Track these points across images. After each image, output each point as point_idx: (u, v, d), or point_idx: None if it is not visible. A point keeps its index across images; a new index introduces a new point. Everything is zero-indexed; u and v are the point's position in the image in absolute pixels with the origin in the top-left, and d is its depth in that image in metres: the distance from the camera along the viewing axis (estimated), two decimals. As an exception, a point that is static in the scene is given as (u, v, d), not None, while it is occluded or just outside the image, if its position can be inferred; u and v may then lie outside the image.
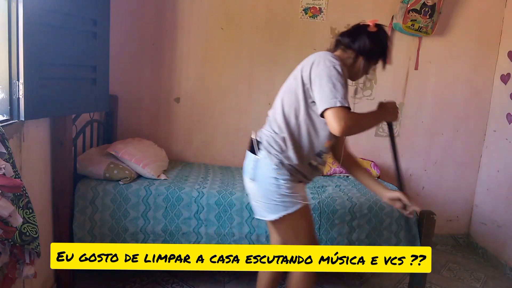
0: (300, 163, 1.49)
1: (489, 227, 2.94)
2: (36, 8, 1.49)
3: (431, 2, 2.68)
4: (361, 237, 2.15)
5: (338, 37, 1.58)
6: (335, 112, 1.33)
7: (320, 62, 1.40)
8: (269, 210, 1.51)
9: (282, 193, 1.47)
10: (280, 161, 1.46)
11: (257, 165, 1.51)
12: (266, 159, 1.48)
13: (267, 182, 1.48)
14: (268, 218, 1.53)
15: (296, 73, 1.51)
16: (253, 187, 1.55)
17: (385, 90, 2.97)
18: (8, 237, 1.19)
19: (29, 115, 1.52)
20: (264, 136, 1.53)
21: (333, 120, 1.33)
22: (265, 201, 1.51)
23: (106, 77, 2.01)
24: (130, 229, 2.07)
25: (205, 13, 2.79)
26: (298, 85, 1.47)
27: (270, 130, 1.52)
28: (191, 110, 2.89)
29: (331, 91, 1.34)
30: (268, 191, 1.48)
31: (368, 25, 1.51)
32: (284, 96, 1.53)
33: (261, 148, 1.50)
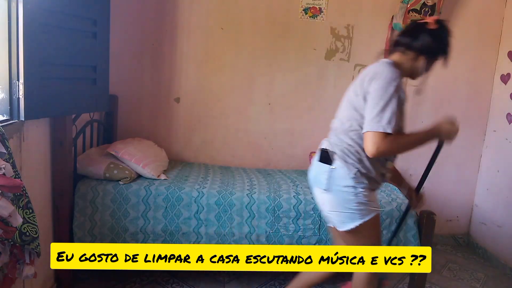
0: (375, 172, 1.52)
1: (489, 227, 2.94)
2: (36, 8, 1.49)
3: (431, 2, 2.68)
4: (361, 237, 2.15)
5: (396, 38, 1.55)
6: (373, 136, 1.37)
7: (378, 79, 1.40)
8: (346, 220, 1.52)
9: (360, 201, 1.49)
10: (358, 170, 1.48)
11: (332, 175, 1.51)
12: (343, 168, 1.49)
13: (345, 191, 1.49)
14: (344, 228, 1.53)
15: (356, 89, 1.51)
16: (328, 198, 1.55)
17: (385, 90, 2.97)
18: (8, 237, 1.19)
19: (29, 115, 1.52)
20: (337, 147, 1.53)
21: (368, 143, 1.38)
22: (341, 210, 1.51)
23: (106, 77, 2.00)
24: (130, 229, 2.07)
25: (205, 13, 2.79)
26: (359, 101, 1.47)
27: (343, 142, 1.53)
28: (191, 110, 2.89)
29: (377, 114, 1.37)
30: (345, 200, 1.49)
31: (427, 22, 1.48)
32: (348, 111, 1.53)
33: (336, 158, 1.51)
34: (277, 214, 2.11)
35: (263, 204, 2.12)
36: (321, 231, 2.12)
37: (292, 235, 2.11)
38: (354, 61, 2.92)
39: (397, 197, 2.27)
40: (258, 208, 2.11)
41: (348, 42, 2.89)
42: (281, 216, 2.11)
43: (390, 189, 2.43)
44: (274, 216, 2.11)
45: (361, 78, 1.50)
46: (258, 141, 2.98)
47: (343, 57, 2.91)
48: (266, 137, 2.98)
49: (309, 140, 3.00)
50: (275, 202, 2.12)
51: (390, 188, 2.45)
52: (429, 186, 3.11)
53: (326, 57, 2.90)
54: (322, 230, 2.13)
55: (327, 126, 2.96)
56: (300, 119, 2.97)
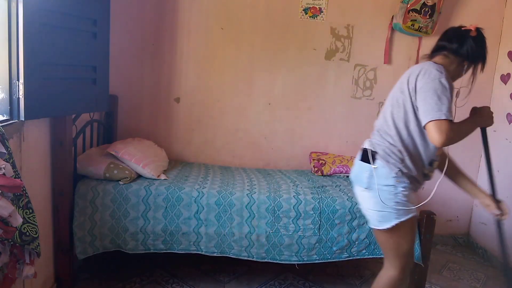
0: (417, 172, 1.55)
1: (489, 227, 2.94)
2: (36, 8, 1.49)
3: (431, 2, 2.68)
4: (361, 237, 2.15)
5: (441, 43, 1.61)
6: (438, 124, 1.38)
7: (426, 74, 1.46)
8: (382, 219, 1.55)
9: (399, 201, 1.52)
10: (400, 170, 1.51)
11: (373, 174, 1.54)
12: (384, 168, 1.52)
13: (385, 190, 1.52)
14: (380, 226, 1.57)
15: (402, 86, 1.55)
16: (367, 196, 1.59)
17: (385, 90, 2.96)
18: (8, 237, 1.19)
19: (29, 115, 1.52)
20: (378, 146, 1.57)
21: (435, 132, 1.39)
22: (379, 209, 1.55)
23: (106, 77, 2.01)
24: (130, 229, 2.07)
25: (205, 13, 2.79)
26: (406, 98, 1.52)
27: (385, 141, 1.57)
28: (191, 110, 2.89)
29: (436, 103, 1.40)
30: (384, 199, 1.53)
31: (470, 30, 1.55)
32: (393, 109, 1.57)
33: (378, 158, 1.54)
34: (277, 214, 2.11)
35: (263, 204, 2.12)
36: (321, 231, 2.13)
37: (292, 235, 2.11)
38: (354, 61, 2.92)
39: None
40: (258, 208, 2.11)
41: (348, 42, 2.89)
42: (281, 216, 2.11)
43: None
44: (274, 216, 2.11)
45: (406, 76, 1.55)
46: (258, 141, 2.98)
47: (343, 57, 2.91)
48: (266, 137, 2.98)
49: (309, 140, 3.00)
50: (275, 202, 2.12)
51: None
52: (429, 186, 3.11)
53: (326, 57, 2.90)
54: (322, 230, 2.13)
55: (327, 126, 3.00)
56: (300, 119, 2.97)
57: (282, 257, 2.14)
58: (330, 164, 2.73)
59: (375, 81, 2.96)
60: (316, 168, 2.72)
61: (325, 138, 3.01)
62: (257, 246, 2.12)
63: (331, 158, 2.80)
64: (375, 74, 2.95)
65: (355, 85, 2.96)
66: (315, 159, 2.79)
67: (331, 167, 2.71)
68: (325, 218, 2.13)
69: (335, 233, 2.13)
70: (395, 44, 2.91)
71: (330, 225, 2.13)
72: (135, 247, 2.09)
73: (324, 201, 2.16)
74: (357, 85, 2.96)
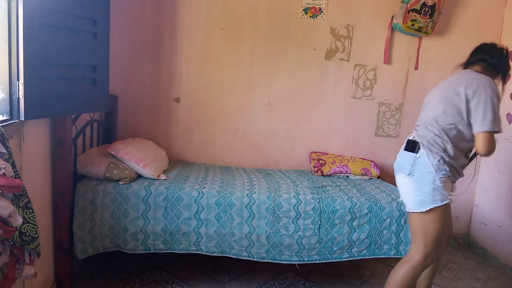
0: (457, 163, 1.74)
1: (489, 227, 2.94)
2: (36, 8, 1.49)
3: (431, 2, 2.68)
4: (361, 237, 2.15)
5: (482, 56, 1.81)
6: (489, 137, 1.63)
7: (487, 87, 1.66)
8: (419, 203, 1.73)
9: (435, 187, 1.69)
10: (442, 158, 1.70)
11: (417, 162, 1.73)
12: (427, 156, 1.71)
13: (425, 176, 1.71)
14: (414, 209, 1.75)
15: (458, 89, 1.72)
16: (408, 182, 1.77)
17: (385, 90, 2.98)
18: (8, 237, 1.19)
19: (29, 115, 1.52)
20: (424, 137, 1.76)
21: (485, 143, 1.63)
22: (417, 194, 1.73)
23: (106, 77, 2.00)
24: (130, 229, 2.07)
25: (205, 13, 2.79)
26: (461, 101, 1.69)
27: (430, 133, 1.75)
28: (191, 110, 2.89)
29: (494, 117, 1.62)
30: (423, 184, 1.71)
31: (504, 48, 1.81)
32: (446, 107, 1.74)
33: (422, 147, 1.74)
34: (277, 214, 2.11)
35: (263, 204, 2.12)
36: (321, 231, 2.13)
37: (292, 235, 2.11)
38: (354, 61, 2.92)
39: (397, 197, 2.27)
40: (258, 208, 2.11)
41: (348, 42, 2.89)
42: (281, 216, 2.11)
43: (390, 189, 2.43)
44: (274, 216, 2.11)
45: (460, 82, 1.73)
46: (258, 141, 2.98)
47: (343, 57, 2.91)
48: (266, 137, 2.98)
49: (309, 140, 3.00)
50: (275, 202, 2.12)
51: (390, 188, 2.45)
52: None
53: (326, 57, 2.90)
54: (322, 230, 2.13)
55: (327, 126, 3.00)
56: (300, 119, 2.97)
57: (282, 257, 2.14)
58: (330, 164, 2.73)
59: (375, 81, 2.96)
60: (316, 168, 2.72)
61: (325, 138, 3.01)
62: (257, 246, 2.12)
63: (331, 158, 2.80)
64: (375, 74, 2.95)
65: (355, 85, 2.96)
66: (315, 159, 2.79)
67: (331, 167, 2.71)
68: (325, 218, 2.13)
69: (335, 233, 2.13)
70: (395, 44, 2.91)
71: (330, 225, 2.13)
72: (135, 247, 2.09)
73: (324, 201, 2.16)
74: (357, 85, 2.96)
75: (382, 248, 2.17)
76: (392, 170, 3.10)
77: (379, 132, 3.03)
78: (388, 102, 3.00)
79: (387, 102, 2.99)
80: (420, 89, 2.99)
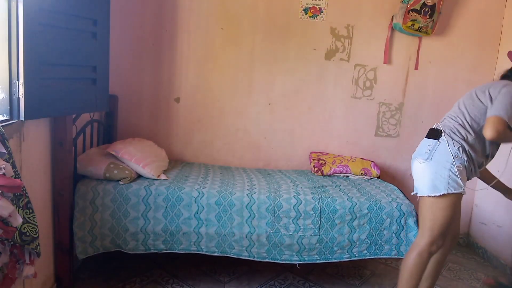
0: (476, 155, 1.81)
1: (489, 227, 2.94)
2: (36, 8, 1.49)
3: (431, 2, 2.68)
4: (362, 237, 2.15)
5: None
6: (496, 120, 1.65)
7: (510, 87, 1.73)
8: (433, 187, 1.78)
9: (452, 174, 1.75)
10: (461, 145, 1.77)
11: (437, 148, 1.81)
12: (448, 143, 1.78)
13: (443, 162, 1.77)
14: (427, 193, 1.79)
15: (486, 90, 1.80)
16: (425, 167, 1.82)
17: (385, 90, 2.97)
18: (8, 237, 1.19)
19: (29, 115, 1.52)
20: (447, 126, 1.85)
21: (491, 125, 1.66)
22: (431, 178, 1.78)
23: (106, 77, 2.00)
24: (130, 229, 2.07)
25: (205, 13, 2.79)
26: (486, 98, 1.77)
27: (454, 122, 1.84)
28: (191, 110, 2.89)
29: (506, 106, 1.66)
30: (440, 169, 1.77)
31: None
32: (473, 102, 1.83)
33: (444, 135, 1.81)
34: (277, 214, 2.11)
35: (263, 204, 2.12)
36: (321, 231, 2.12)
37: (292, 235, 2.11)
38: (354, 61, 2.92)
39: (397, 197, 2.27)
40: (258, 208, 2.11)
41: (348, 42, 2.89)
42: (281, 216, 2.11)
43: (390, 189, 2.43)
44: (274, 216, 2.11)
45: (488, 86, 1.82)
46: (258, 141, 2.98)
47: (343, 57, 2.91)
48: (266, 137, 2.98)
49: (309, 140, 3.00)
50: (275, 202, 2.12)
51: (390, 188, 2.45)
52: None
53: (326, 57, 2.90)
54: (322, 230, 2.13)
55: (327, 126, 3.00)
56: (300, 119, 2.97)
57: (283, 256, 2.13)
58: (330, 164, 2.73)
59: (375, 81, 2.96)
60: (316, 168, 2.72)
61: (325, 138, 3.01)
62: (257, 246, 2.11)
63: (331, 158, 2.80)
64: (375, 74, 2.95)
65: (355, 85, 2.96)
66: (315, 159, 2.79)
67: (331, 167, 2.71)
68: (325, 218, 2.13)
69: (335, 233, 2.13)
70: (395, 44, 2.91)
71: (330, 225, 2.13)
72: (135, 247, 2.09)
73: (324, 201, 2.16)
74: (357, 85, 2.96)
75: (382, 248, 2.17)
76: (392, 170, 3.12)
77: (379, 132, 3.03)
78: (388, 102, 3.00)
79: (387, 102, 2.99)
80: (420, 89, 2.99)
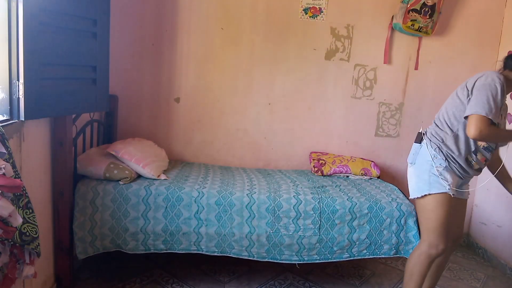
0: (458, 154, 1.76)
1: (489, 227, 2.94)
2: (36, 8, 1.49)
3: (431, 2, 2.68)
4: (362, 237, 2.15)
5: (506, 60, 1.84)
6: (477, 119, 1.60)
7: (487, 77, 1.66)
8: (417, 189, 1.82)
9: (431, 175, 1.77)
10: (438, 147, 1.77)
11: (419, 151, 1.85)
12: (427, 145, 1.81)
13: (424, 164, 1.80)
14: (413, 195, 1.85)
15: (463, 85, 1.77)
16: (412, 170, 1.89)
17: (385, 90, 2.97)
18: (8, 237, 1.19)
19: (29, 115, 1.52)
20: (429, 130, 1.87)
21: (472, 124, 1.61)
22: (416, 181, 1.84)
23: (106, 77, 2.00)
24: (130, 229, 2.07)
25: (205, 13, 2.79)
26: (464, 93, 1.72)
27: (435, 126, 1.86)
28: (191, 110, 2.89)
29: (483, 102, 1.61)
30: (422, 170, 1.81)
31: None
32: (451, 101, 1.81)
33: (424, 138, 1.85)
34: (277, 214, 2.11)
35: (263, 204, 2.12)
36: (321, 231, 2.12)
37: (292, 235, 2.11)
38: (354, 61, 2.92)
39: (397, 197, 2.27)
40: (258, 208, 2.11)
41: (348, 42, 2.89)
42: (281, 216, 2.11)
43: (390, 189, 2.43)
44: (274, 216, 2.11)
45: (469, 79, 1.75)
46: (258, 141, 2.98)
47: (343, 57, 2.91)
48: (266, 137, 2.98)
49: (309, 140, 3.00)
50: (275, 202, 2.12)
51: (390, 188, 2.45)
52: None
53: (326, 57, 2.90)
54: (322, 230, 2.13)
55: (327, 126, 3.00)
56: (300, 119, 2.97)
57: (283, 256, 2.14)
58: (330, 164, 2.73)
59: (375, 81, 2.96)
60: (316, 168, 2.72)
61: (325, 138, 3.01)
62: (257, 246, 2.12)
63: (331, 158, 2.80)
64: (375, 74, 2.95)
65: (355, 85, 2.96)
66: (315, 159, 2.79)
67: (331, 167, 2.71)
68: (325, 218, 2.13)
69: (335, 233, 2.13)
70: (395, 44, 2.91)
71: (330, 225, 2.13)
72: (135, 247, 2.09)
73: (324, 201, 2.16)
74: (357, 85, 2.96)
75: (382, 248, 2.17)
76: (392, 170, 3.12)
77: (379, 132, 3.03)
78: (388, 102, 3.00)
79: (387, 102, 2.99)
80: (420, 89, 2.99)
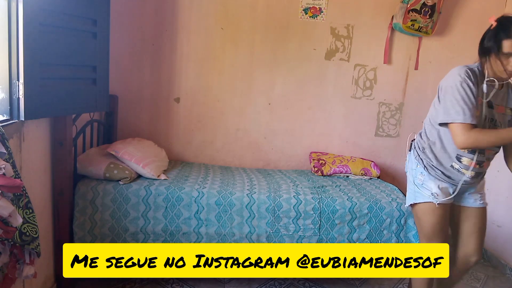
0: (438, 163, 1.70)
1: (489, 227, 2.93)
2: (36, 8, 1.49)
3: (431, 2, 2.68)
4: (362, 237, 2.15)
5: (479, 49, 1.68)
6: (456, 128, 1.51)
7: (450, 77, 1.57)
8: (407, 197, 1.85)
9: (415, 183, 1.76)
10: (418, 155, 1.76)
11: (408, 160, 1.87)
12: (411, 155, 1.83)
13: (410, 173, 1.82)
14: (406, 204, 1.87)
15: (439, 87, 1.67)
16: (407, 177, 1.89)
17: (385, 90, 2.97)
18: (8, 237, 1.19)
19: (29, 115, 1.52)
20: (416, 138, 1.86)
21: (454, 136, 1.54)
22: (407, 189, 1.86)
23: (106, 77, 2.00)
24: (130, 229, 2.07)
25: (205, 13, 2.79)
26: (436, 97, 1.67)
27: (419, 135, 1.84)
28: (191, 110, 2.89)
29: (454, 107, 1.51)
30: (409, 180, 1.83)
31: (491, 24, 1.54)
32: (431, 107, 1.74)
33: (412, 147, 1.85)
34: (277, 214, 2.11)
35: (263, 204, 2.12)
36: (321, 231, 2.13)
37: (292, 235, 2.11)
38: (354, 61, 2.92)
39: (397, 197, 2.27)
40: (258, 208, 2.11)
41: (348, 42, 2.89)
42: (281, 216, 2.11)
43: (390, 189, 2.43)
44: (274, 216, 2.11)
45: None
46: (258, 141, 2.98)
47: (343, 57, 2.91)
48: (266, 137, 2.98)
49: (309, 140, 3.00)
50: (275, 202, 2.12)
51: (390, 188, 2.45)
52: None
53: (326, 57, 2.90)
54: (322, 230, 2.13)
55: (327, 126, 3.00)
56: (300, 119, 2.97)
57: (282, 257, 2.13)
58: (330, 164, 2.73)
59: (375, 81, 2.96)
60: (316, 168, 2.72)
61: (325, 138, 3.01)
62: (257, 246, 2.12)
63: (331, 158, 2.80)
64: (375, 74, 2.95)
65: (355, 85, 2.96)
66: (315, 159, 2.79)
67: (331, 167, 2.71)
68: (325, 218, 2.13)
69: (335, 233, 2.13)
70: (395, 44, 2.91)
71: (330, 225, 2.13)
72: (135, 247, 2.09)
73: (324, 201, 2.16)
74: (357, 85, 2.96)
75: (382, 248, 2.17)
76: (392, 170, 3.12)
77: (379, 132, 3.03)
78: (388, 102, 3.00)
79: (387, 102, 2.99)
80: (420, 89, 2.99)
